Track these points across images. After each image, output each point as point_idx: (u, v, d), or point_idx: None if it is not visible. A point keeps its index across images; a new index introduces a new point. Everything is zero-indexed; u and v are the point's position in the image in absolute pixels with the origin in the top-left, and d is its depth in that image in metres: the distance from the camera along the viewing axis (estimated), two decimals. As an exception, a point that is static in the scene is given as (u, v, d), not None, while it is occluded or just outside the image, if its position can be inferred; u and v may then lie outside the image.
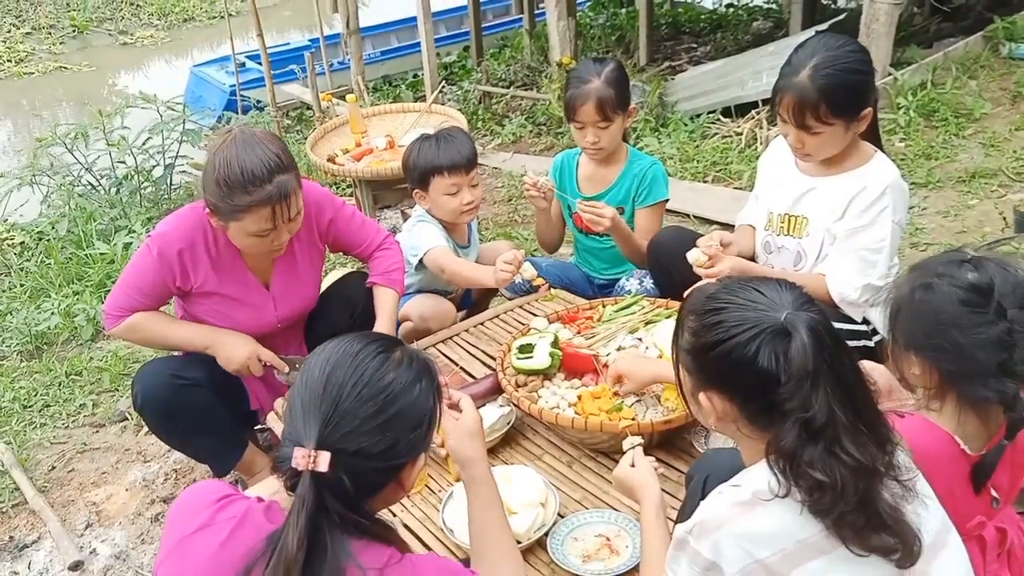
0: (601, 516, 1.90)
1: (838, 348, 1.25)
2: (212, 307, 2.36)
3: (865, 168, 2.26)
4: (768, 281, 1.32)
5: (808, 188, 2.34)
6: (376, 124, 4.24)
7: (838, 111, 2.13)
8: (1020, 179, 4.13)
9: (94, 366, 3.58)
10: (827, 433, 1.19)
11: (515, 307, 2.86)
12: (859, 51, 2.19)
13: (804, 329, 1.21)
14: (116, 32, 12.44)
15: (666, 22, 8.33)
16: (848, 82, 2.12)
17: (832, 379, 1.20)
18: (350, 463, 1.19)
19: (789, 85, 2.15)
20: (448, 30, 8.98)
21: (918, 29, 6.53)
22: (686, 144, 5.14)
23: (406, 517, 1.99)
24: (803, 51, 2.17)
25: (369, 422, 1.22)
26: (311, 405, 1.22)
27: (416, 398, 1.27)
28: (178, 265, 2.26)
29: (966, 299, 1.39)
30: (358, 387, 1.23)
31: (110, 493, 2.80)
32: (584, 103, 2.73)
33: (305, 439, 1.19)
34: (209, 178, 2.11)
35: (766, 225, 2.49)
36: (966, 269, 1.41)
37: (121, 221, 4.83)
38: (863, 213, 2.23)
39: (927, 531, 1.25)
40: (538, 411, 2.09)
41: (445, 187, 2.75)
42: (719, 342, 1.27)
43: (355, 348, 1.28)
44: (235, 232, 2.18)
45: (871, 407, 1.26)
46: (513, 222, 4.66)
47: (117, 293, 2.32)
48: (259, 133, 2.15)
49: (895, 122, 4.82)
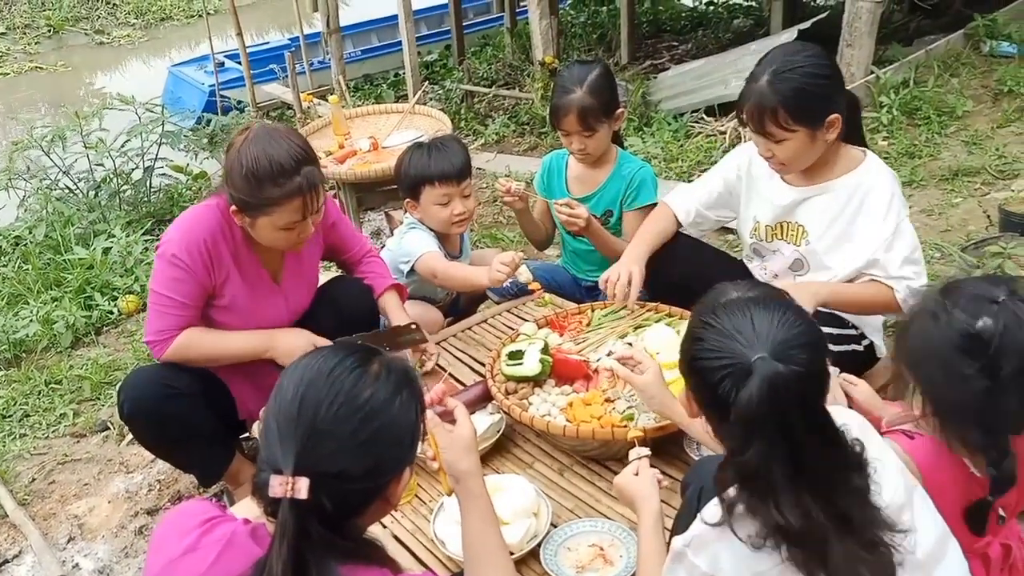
0: (594, 525, 1.88)
1: (799, 409, 1.22)
2: (232, 308, 2.32)
3: (858, 172, 2.24)
4: (773, 312, 1.29)
5: (802, 198, 2.32)
6: (359, 125, 4.19)
7: (798, 117, 2.11)
8: (1003, 177, 4.16)
9: (74, 374, 3.52)
10: (760, 484, 1.21)
11: (503, 311, 2.83)
12: (818, 57, 2.17)
13: (760, 380, 1.20)
14: (92, 31, 12.29)
15: (647, 20, 8.33)
16: (806, 86, 2.10)
17: (778, 435, 1.19)
18: (331, 486, 1.15)
19: (750, 93, 2.15)
20: (429, 28, 8.94)
21: (899, 27, 6.57)
22: (670, 143, 5.13)
23: (396, 529, 1.96)
24: (764, 61, 2.17)
25: (349, 442, 1.17)
26: (287, 428, 1.17)
27: (397, 412, 1.23)
28: (209, 258, 2.22)
29: (961, 345, 1.38)
30: (334, 406, 1.18)
31: (92, 505, 2.75)
32: (567, 114, 2.71)
33: (283, 464, 1.14)
34: (236, 174, 2.11)
35: (752, 232, 2.48)
36: (983, 311, 1.37)
37: (100, 225, 4.76)
38: (883, 221, 2.18)
39: (921, 548, 1.24)
40: (529, 419, 2.07)
41: (436, 197, 2.71)
42: (696, 358, 1.31)
43: (329, 365, 1.22)
44: (263, 227, 2.17)
45: (827, 473, 1.22)
46: (498, 223, 4.64)
47: (155, 317, 2.25)
48: (279, 127, 2.18)
49: (878, 120, 4.84)
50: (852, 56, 4.99)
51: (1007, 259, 2.80)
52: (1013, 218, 3.27)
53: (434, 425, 1.52)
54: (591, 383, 2.22)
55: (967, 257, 2.95)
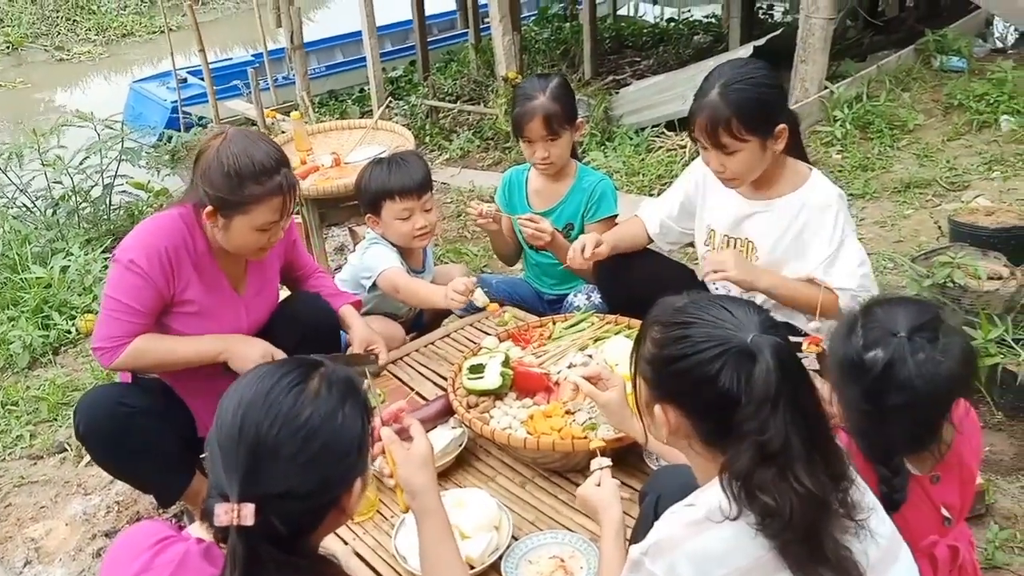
0: (555, 537, 1.89)
1: (800, 375, 1.25)
2: (190, 315, 2.30)
3: (804, 191, 2.31)
4: (737, 301, 1.33)
5: (752, 211, 2.38)
6: (322, 141, 4.19)
7: (751, 126, 2.17)
8: (954, 188, 4.28)
9: (31, 395, 3.46)
10: (781, 459, 1.20)
11: (466, 325, 2.85)
12: (765, 68, 2.25)
13: (770, 353, 1.21)
14: (52, 48, 12.15)
15: (610, 36, 8.45)
16: (757, 95, 2.17)
17: (791, 406, 1.21)
18: (279, 507, 1.14)
19: (701, 107, 2.20)
20: (394, 44, 8.97)
21: (852, 43, 6.74)
22: (631, 158, 5.20)
23: (358, 545, 1.96)
24: (712, 76, 2.24)
25: (292, 462, 1.15)
26: (229, 453, 1.15)
27: (341, 426, 1.21)
28: (169, 266, 2.20)
29: (851, 370, 1.44)
30: (274, 428, 1.16)
31: (49, 528, 2.70)
32: (531, 119, 2.75)
33: (228, 489, 1.13)
34: (215, 173, 2.11)
35: (706, 241, 2.53)
36: (879, 343, 1.42)
37: (58, 243, 4.69)
38: (829, 242, 2.26)
39: (873, 557, 1.26)
40: (490, 432, 2.08)
41: (396, 212, 2.72)
42: (682, 356, 1.27)
43: (266, 385, 1.20)
44: (239, 227, 2.17)
45: (827, 438, 1.26)
46: (463, 238, 4.66)
47: (107, 323, 2.21)
48: (254, 131, 2.24)
49: (832, 134, 4.95)
50: (806, 71, 5.11)
51: (956, 268, 2.87)
52: (962, 228, 3.35)
53: (390, 442, 1.52)
54: (552, 395, 2.24)
55: (917, 268, 3.02)
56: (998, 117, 4.88)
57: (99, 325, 2.24)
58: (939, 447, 1.50)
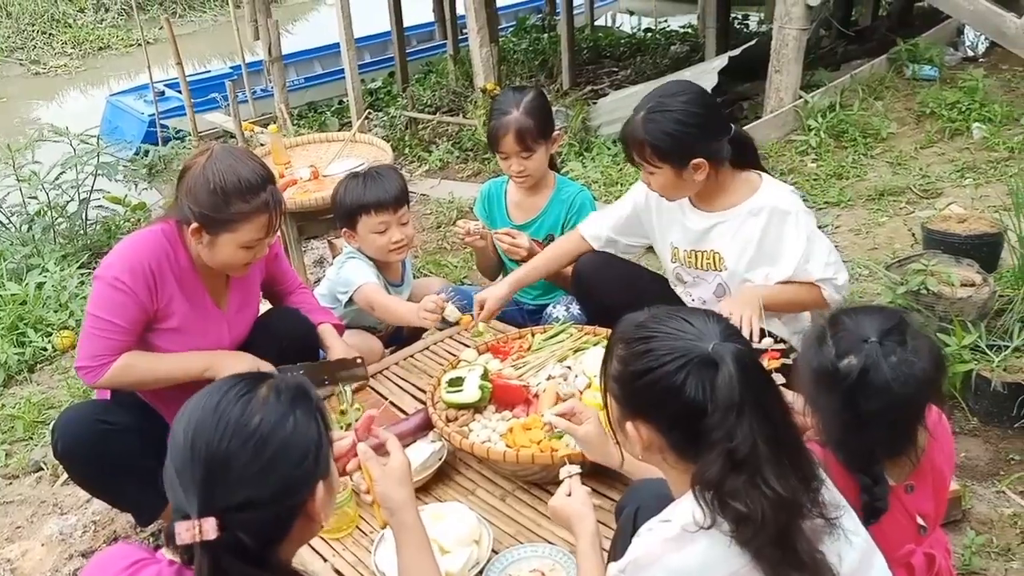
0: (535, 550, 1.90)
1: (763, 381, 1.27)
2: (173, 331, 2.28)
3: (758, 197, 2.35)
4: (696, 312, 1.35)
5: (711, 224, 2.42)
6: (300, 154, 4.18)
7: (661, 157, 2.24)
8: (927, 196, 4.33)
9: (6, 414, 3.42)
10: (750, 464, 1.21)
11: (444, 338, 2.85)
12: (692, 104, 2.25)
13: (731, 360, 1.23)
14: (28, 61, 12.03)
15: (587, 47, 8.49)
16: (670, 131, 2.22)
17: (757, 411, 1.22)
18: (241, 519, 1.14)
19: (626, 124, 2.28)
20: (372, 56, 8.96)
21: (826, 52, 6.81)
22: (609, 168, 5.22)
23: (337, 562, 1.95)
24: (647, 96, 2.29)
25: (247, 472, 1.16)
26: (184, 472, 1.16)
27: (294, 431, 1.21)
28: (152, 282, 2.19)
29: (825, 378, 1.45)
30: (225, 440, 1.16)
31: (25, 549, 2.67)
32: (505, 134, 2.76)
33: (188, 508, 1.14)
34: (201, 190, 2.11)
35: (672, 258, 2.56)
36: (852, 350, 1.44)
37: (34, 260, 4.63)
38: (796, 241, 2.30)
39: (848, 560, 1.28)
40: (469, 445, 2.08)
41: (373, 225, 2.72)
42: (647, 371, 1.28)
43: (214, 400, 1.20)
44: (225, 244, 2.16)
45: (795, 442, 1.28)
46: (442, 250, 4.66)
47: (91, 341, 2.19)
48: (239, 148, 2.22)
49: (807, 143, 5.01)
50: (781, 81, 5.17)
51: (929, 275, 2.91)
52: (935, 236, 3.39)
53: (367, 458, 1.52)
54: (531, 408, 2.25)
55: (892, 275, 3.06)
56: (970, 125, 4.95)
57: (82, 343, 2.22)
58: (916, 451, 1.52)
